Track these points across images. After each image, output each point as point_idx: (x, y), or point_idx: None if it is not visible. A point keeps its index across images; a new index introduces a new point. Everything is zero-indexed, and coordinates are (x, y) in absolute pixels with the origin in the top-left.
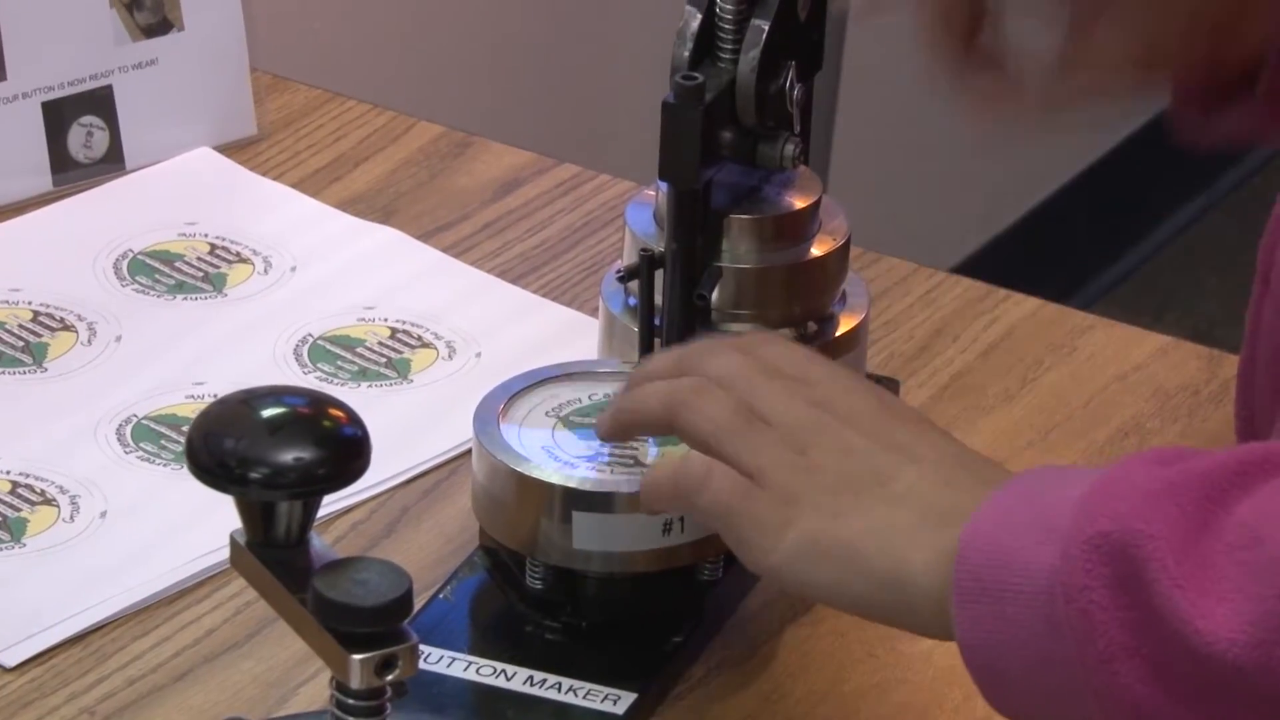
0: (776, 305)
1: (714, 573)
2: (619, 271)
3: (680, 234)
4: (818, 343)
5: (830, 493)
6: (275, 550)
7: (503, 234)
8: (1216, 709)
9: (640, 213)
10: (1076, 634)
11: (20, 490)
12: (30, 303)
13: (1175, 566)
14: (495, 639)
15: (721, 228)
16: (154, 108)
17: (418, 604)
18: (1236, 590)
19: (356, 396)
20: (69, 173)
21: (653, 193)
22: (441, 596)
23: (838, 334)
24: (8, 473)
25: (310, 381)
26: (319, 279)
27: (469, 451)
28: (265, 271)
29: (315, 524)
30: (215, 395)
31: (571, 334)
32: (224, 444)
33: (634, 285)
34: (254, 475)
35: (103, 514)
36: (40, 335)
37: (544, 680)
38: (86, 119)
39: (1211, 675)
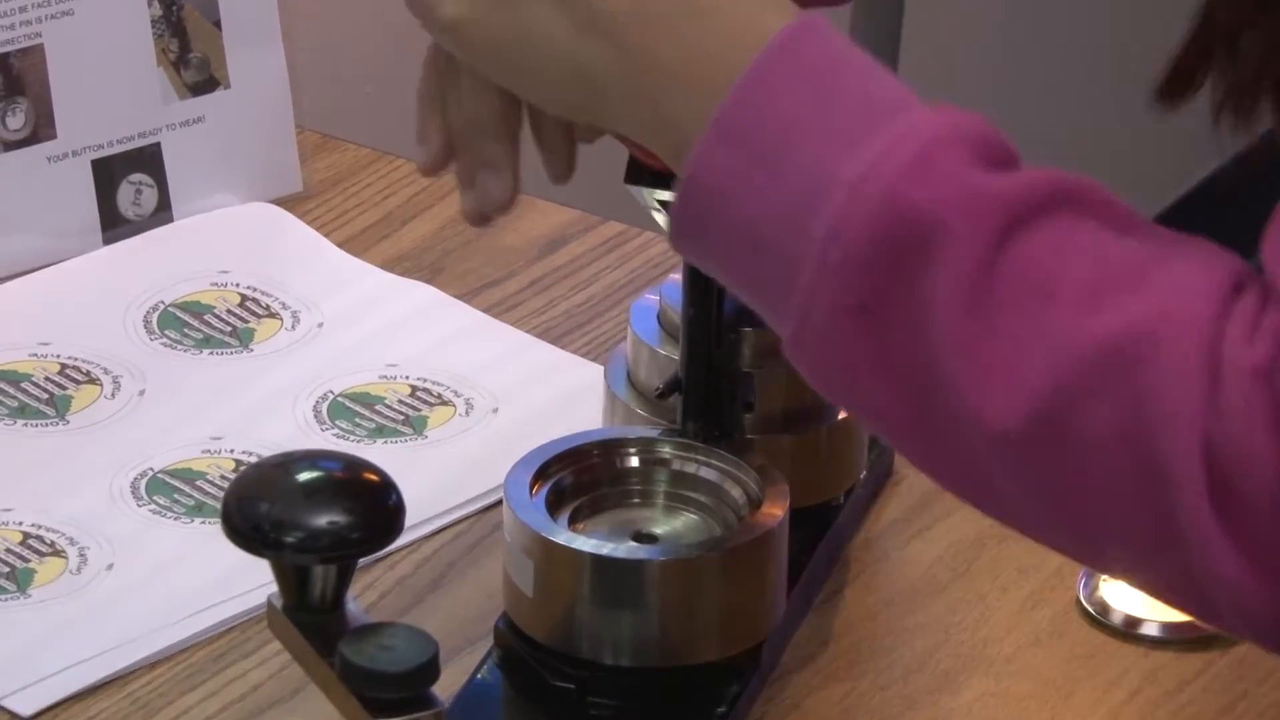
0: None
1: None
2: (657, 389)
3: (695, 297)
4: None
5: None
6: (310, 614)
7: (548, 291)
8: None
9: (645, 319)
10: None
11: (30, 541)
12: (58, 356)
13: None
14: (537, 716)
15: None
16: (201, 165)
17: (458, 669)
18: None
19: (372, 453)
20: (119, 229)
21: (655, 297)
22: (479, 676)
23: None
24: (20, 524)
25: (327, 438)
26: (345, 336)
27: (493, 504)
28: (293, 327)
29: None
30: (232, 450)
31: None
32: (259, 508)
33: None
34: (288, 539)
35: (109, 566)
36: (65, 388)
37: None
38: (136, 176)
39: None
